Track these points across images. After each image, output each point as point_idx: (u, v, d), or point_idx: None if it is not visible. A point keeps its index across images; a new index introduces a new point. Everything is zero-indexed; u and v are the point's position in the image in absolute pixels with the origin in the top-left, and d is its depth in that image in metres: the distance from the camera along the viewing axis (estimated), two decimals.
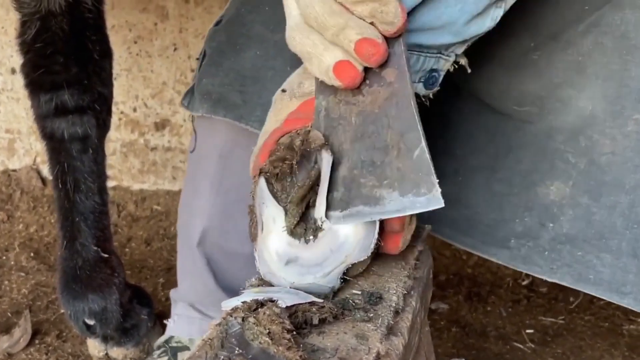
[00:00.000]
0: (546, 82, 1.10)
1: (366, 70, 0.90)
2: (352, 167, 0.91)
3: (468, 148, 1.21)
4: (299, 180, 0.92)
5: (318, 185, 0.91)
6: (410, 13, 0.94)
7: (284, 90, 1.00)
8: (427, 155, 0.87)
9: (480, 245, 1.21)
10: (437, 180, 0.87)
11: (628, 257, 1.12)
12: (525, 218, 1.17)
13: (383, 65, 0.89)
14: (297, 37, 0.90)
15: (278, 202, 0.93)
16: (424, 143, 0.87)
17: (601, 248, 1.13)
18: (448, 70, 1.03)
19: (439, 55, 0.99)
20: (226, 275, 1.48)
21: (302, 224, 0.92)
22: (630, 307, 1.14)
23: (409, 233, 0.99)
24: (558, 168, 1.15)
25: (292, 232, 0.92)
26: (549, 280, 1.17)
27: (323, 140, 0.91)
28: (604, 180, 1.13)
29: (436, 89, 1.02)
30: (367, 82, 0.90)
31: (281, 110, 0.99)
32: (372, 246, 0.91)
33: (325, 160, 0.91)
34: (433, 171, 0.87)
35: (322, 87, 0.93)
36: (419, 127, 0.88)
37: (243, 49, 1.32)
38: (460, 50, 1.01)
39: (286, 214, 0.92)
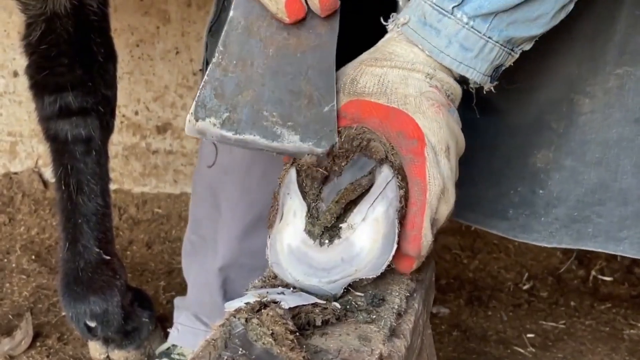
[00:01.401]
0: (538, 53, 1.12)
1: None
2: (258, 98, 0.93)
3: (472, 130, 1.22)
4: (345, 182, 0.91)
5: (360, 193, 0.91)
6: (513, 9, 0.96)
7: None
8: (335, 114, 0.94)
9: (482, 219, 1.25)
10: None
11: (621, 206, 1.16)
12: (518, 188, 1.22)
13: (317, 19, 0.94)
14: None
15: (304, 196, 0.92)
16: (335, 102, 0.94)
17: (595, 202, 1.18)
18: None
19: (511, 51, 1.01)
20: (236, 287, 1.48)
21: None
22: (624, 254, 1.19)
23: (422, 258, 0.98)
24: (543, 136, 1.20)
25: (309, 232, 0.91)
26: (549, 246, 1.22)
27: (384, 154, 0.92)
28: (586, 139, 1.17)
29: (495, 83, 1.05)
30: (297, 25, 0.95)
31: None
32: (384, 267, 0.90)
33: (384, 176, 0.91)
34: (337, 130, 0.93)
35: (249, 6, 0.95)
36: (334, 86, 0.95)
37: None
38: (529, 47, 1.03)
39: (309, 209, 0.92)
